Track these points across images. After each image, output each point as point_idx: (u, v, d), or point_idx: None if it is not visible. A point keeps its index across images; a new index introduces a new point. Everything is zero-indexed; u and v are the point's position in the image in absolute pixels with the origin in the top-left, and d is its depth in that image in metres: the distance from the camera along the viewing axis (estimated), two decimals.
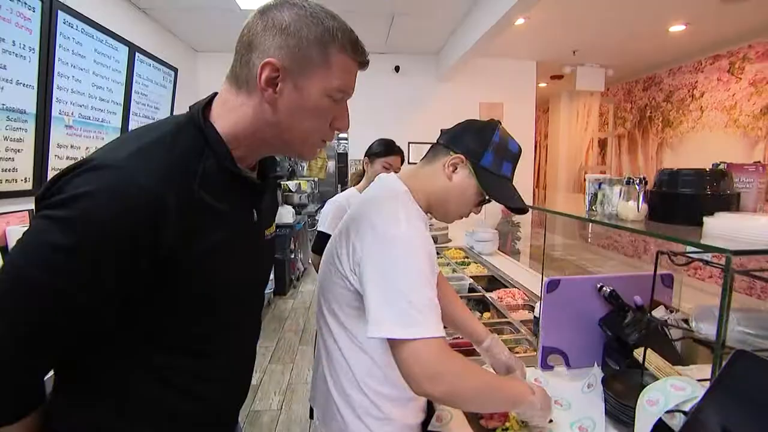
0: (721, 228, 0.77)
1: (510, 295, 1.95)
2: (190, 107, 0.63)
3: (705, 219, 0.80)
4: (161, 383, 0.61)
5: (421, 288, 0.75)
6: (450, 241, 3.32)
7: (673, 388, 0.78)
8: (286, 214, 4.63)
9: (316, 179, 6.37)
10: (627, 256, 4.66)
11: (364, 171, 1.94)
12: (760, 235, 0.71)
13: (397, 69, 4.28)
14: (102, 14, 2.40)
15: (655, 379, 0.89)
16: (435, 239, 3.22)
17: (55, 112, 2.08)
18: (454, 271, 2.52)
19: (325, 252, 0.97)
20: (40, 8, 1.91)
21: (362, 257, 0.80)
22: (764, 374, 0.61)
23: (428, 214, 0.96)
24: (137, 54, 2.78)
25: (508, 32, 3.33)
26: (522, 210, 0.90)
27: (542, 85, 5.30)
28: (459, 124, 0.94)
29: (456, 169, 0.88)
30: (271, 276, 4.28)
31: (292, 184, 5.83)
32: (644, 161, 4.81)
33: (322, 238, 1.77)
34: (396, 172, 1.77)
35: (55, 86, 2.06)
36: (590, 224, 4.89)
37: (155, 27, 3.23)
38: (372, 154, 1.87)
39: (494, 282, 2.35)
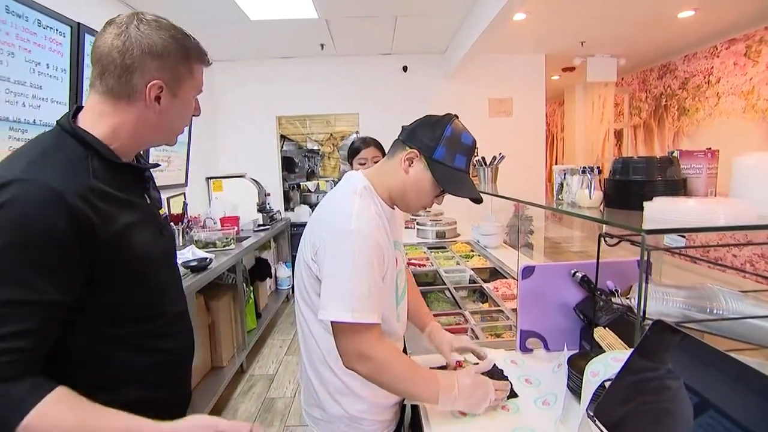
0: (657, 211, 0.84)
1: (506, 286, 2.02)
2: (58, 121, 0.74)
3: (645, 204, 0.87)
4: (124, 348, 0.74)
5: (364, 278, 0.86)
6: (458, 235, 3.38)
7: (614, 361, 0.85)
8: (303, 214, 4.80)
9: (334, 179, 6.53)
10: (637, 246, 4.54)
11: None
12: (686, 216, 0.78)
13: (404, 69, 4.36)
14: None
15: None
16: (443, 234, 3.29)
17: None
18: (457, 263, 2.59)
19: (300, 244, 1.08)
20: (70, 33, 2.12)
21: (319, 248, 0.91)
22: (673, 338, 0.68)
23: (394, 207, 1.04)
24: None
25: (512, 27, 3.36)
26: (475, 200, 0.96)
27: (555, 77, 5.24)
28: (417, 120, 1.00)
29: (412, 163, 0.95)
30: (289, 273, 4.46)
31: (310, 184, 6.02)
32: (661, 151, 4.70)
33: None
34: (374, 162, 1.82)
35: (84, 102, 2.27)
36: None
37: None
38: (350, 158, 1.95)
39: (496, 274, 2.41)
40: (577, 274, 1.27)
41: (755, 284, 1.27)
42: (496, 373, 1.18)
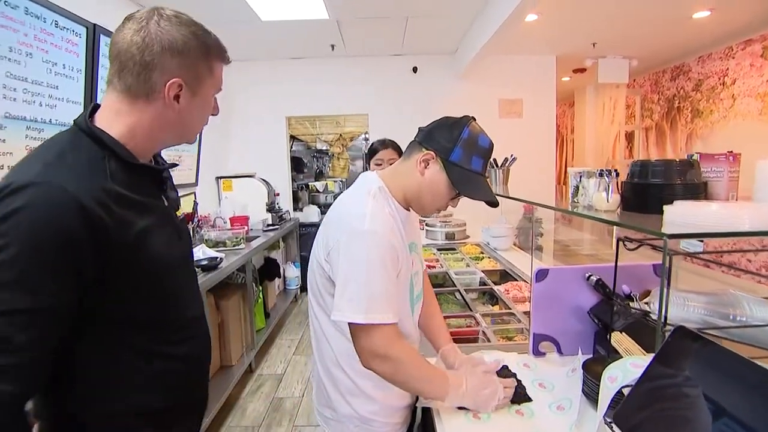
0: (677, 215, 0.82)
1: (516, 288, 2.00)
2: (75, 120, 0.71)
3: (665, 207, 0.85)
4: (134, 354, 0.72)
5: (378, 279, 0.86)
6: (468, 237, 3.36)
7: (632, 366, 0.83)
8: (311, 214, 4.82)
9: (342, 179, 6.55)
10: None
11: None
12: (708, 220, 0.76)
13: (414, 70, 4.35)
14: None
15: None
16: (452, 235, 3.28)
17: None
18: (467, 265, 2.58)
19: (313, 244, 1.07)
20: (85, 34, 2.15)
21: (332, 249, 0.91)
22: (695, 344, 0.67)
23: (409, 209, 1.03)
24: None
25: (524, 28, 3.33)
26: (491, 203, 0.95)
27: (566, 79, 5.20)
28: (434, 121, 0.99)
29: (428, 165, 0.94)
30: (298, 273, 4.48)
31: (319, 185, 6.04)
32: (673, 153, 4.63)
33: None
34: (389, 163, 1.83)
35: (98, 102, 2.30)
36: None
37: None
38: (368, 159, 1.97)
39: (506, 276, 2.40)
40: (591, 277, 1.26)
41: None
42: (509, 377, 1.17)
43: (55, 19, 1.97)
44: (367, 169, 1.66)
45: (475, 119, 0.97)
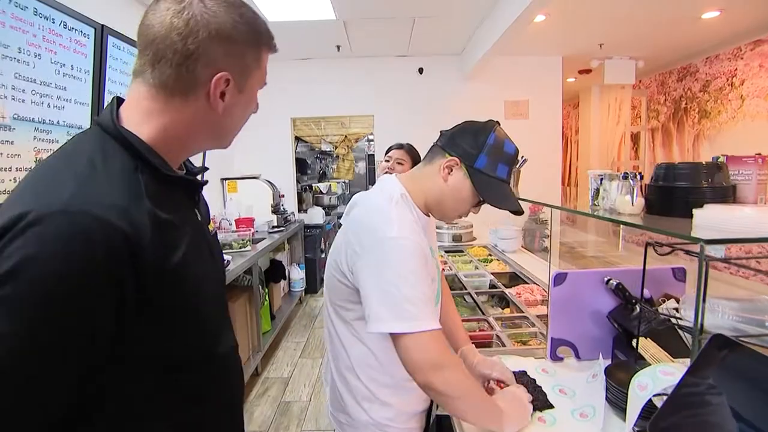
0: (708, 219, 0.80)
1: (528, 291, 1.98)
2: (97, 120, 0.58)
3: (695, 211, 0.83)
4: (164, 408, 0.59)
5: (414, 285, 0.81)
6: (475, 239, 3.35)
7: (662, 373, 0.82)
8: (316, 215, 4.81)
9: (346, 180, 6.53)
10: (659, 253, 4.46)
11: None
12: (742, 225, 0.74)
13: (420, 71, 4.34)
14: None
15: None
16: (459, 237, 3.26)
17: None
18: (476, 267, 2.56)
19: (331, 248, 1.04)
20: (93, 34, 2.14)
21: (358, 257, 0.86)
22: (735, 354, 0.65)
23: (429, 215, 1.00)
24: None
25: (531, 29, 3.31)
26: (516, 212, 0.92)
27: (571, 80, 5.18)
28: (457, 125, 0.96)
29: (451, 171, 0.91)
30: (303, 275, 4.46)
31: (322, 186, 6.02)
32: (680, 154, 4.61)
33: None
34: (398, 162, 1.89)
35: (105, 103, 2.29)
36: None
37: None
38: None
39: (516, 279, 2.38)
40: (611, 281, 1.24)
41: None
42: (529, 384, 1.15)
43: (64, 20, 1.96)
44: (368, 170, 1.68)
45: (499, 124, 0.94)
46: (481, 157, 0.89)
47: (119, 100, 0.61)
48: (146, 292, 0.51)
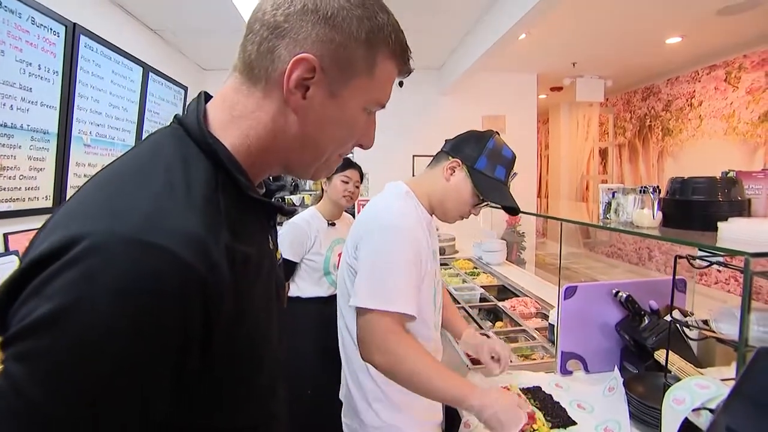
0: (736, 232, 0.82)
1: (522, 304, 1.98)
2: (180, 118, 0.47)
3: (720, 224, 0.85)
4: None
5: (399, 270, 0.88)
6: (457, 252, 3.35)
7: (698, 387, 0.81)
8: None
9: (318, 192, 6.42)
10: (631, 263, 4.68)
11: (323, 191, 1.87)
12: None
13: (401, 84, 4.36)
14: (118, 36, 2.48)
15: (678, 380, 0.92)
16: (442, 251, 3.25)
17: (74, 132, 2.14)
18: (464, 281, 2.55)
19: (342, 253, 1.09)
20: (64, 33, 1.99)
21: (359, 241, 0.94)
22: None
23: (432, 216, 1.07)
24: (150, 74, 2.86)
25: (511, 46, 3.42)
26: (514, 210, 1.02)
27: (542, 96, 5.39)
28: (460, 134, 1.08)
29: (453, 171, 1.02)
30: None
31: (295, 199, 5.89)
32: (645, 169, 4.87)
33: (288, 266, 1.71)
34: (356, 186, 1.80)
35: (75, 107, 2.12)
36: (595, 233, 4.94)
37: (166, 47, 3.32)
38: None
39: (505, 291, 2.38)
40: (620, 294, 1.25)
41: None
42: (547, 399, 1.12)
43: (32, 16, 1.81)
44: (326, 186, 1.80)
45: (498, 133, 1.06)
46: (481, 159, 1.00)
47: (206, 96, 0.50)
48: (213, 359, 0.39)
